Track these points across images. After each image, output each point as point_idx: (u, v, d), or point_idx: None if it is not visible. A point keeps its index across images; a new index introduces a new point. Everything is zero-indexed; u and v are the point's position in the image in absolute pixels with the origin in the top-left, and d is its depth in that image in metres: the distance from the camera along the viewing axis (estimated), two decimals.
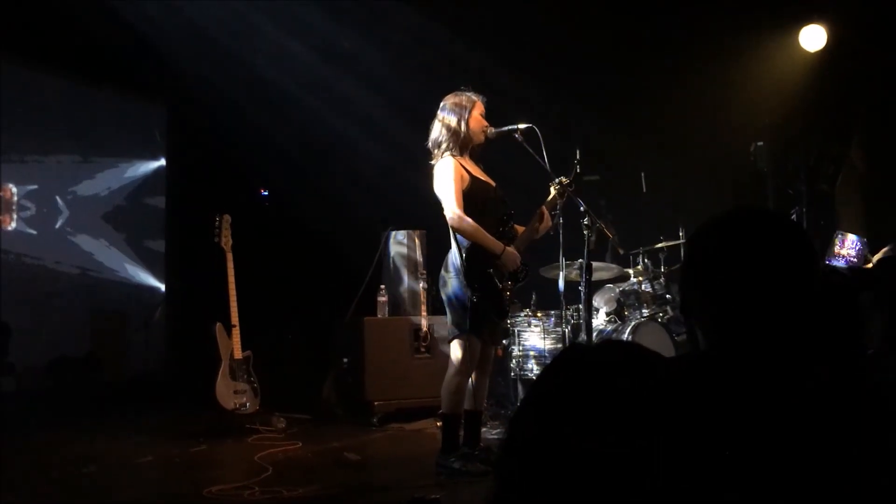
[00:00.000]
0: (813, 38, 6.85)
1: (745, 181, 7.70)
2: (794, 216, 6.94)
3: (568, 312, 5.14)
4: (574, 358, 0.96)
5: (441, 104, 4.41)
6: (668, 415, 0.89)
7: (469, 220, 4.19)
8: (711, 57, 6.86)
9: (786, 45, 7.00)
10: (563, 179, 4.29)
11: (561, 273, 4.62)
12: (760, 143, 7.32)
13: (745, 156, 7.41)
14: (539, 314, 6.11)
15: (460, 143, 4.32)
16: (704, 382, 1.06)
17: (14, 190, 7.16)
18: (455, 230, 4.23)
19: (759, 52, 6.99)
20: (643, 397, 0.89)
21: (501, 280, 4.24)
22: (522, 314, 6.12)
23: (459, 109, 4.34)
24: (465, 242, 4.21)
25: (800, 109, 7.04)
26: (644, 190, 6.75)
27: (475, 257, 4.18)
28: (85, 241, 7.77)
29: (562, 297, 5.00)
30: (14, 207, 7.17)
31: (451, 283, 4.25)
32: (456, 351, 4.24)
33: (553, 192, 4.31)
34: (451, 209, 4.20)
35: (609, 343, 1.01)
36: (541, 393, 0.94)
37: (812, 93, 6.94)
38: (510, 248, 4.25)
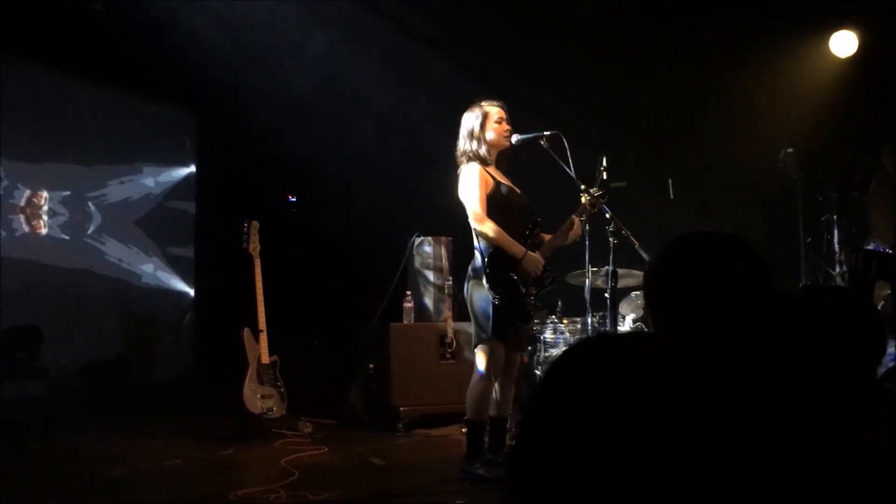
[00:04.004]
0: (844, 43, 6.78)
1: (774, 188, 7.62)
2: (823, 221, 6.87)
3: (594, 319, 5.12)
4: (586, 352, 0.95)
5: (464, 115, 4.43)
6: (686, 411, 0.88)
7: (491, 223, 4.20)
8: (741, 63, 6.81)
9: (816, 51, 6.93)
10: (595, 191, 4.28)
11: (587, 280, 4.62)
12: (790, 150, 7.24)
13: (774, 162, 7.34)
14: (565, 321, 6.09)
15: (484, 151, 4.34)
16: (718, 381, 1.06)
17: (46, 196, 7.27)
18: (477, 233, 4.24)
19: (790, 58, 6.93)
20: (661, 393, 0.88)
21: (525, 284, 4.24)
22: (548, 321, 6.10)
23: (478, 119, 4.36)
24: (487, 247, 4.22)
25: (830, 115, 6.97)
26: (672, 197, 6.71)
27: (497, 261, 4.18)
28: (116, 247, 7.87)
29: (588, 304, 4.99)
30: (46, 213, 7.28)
31: (475, 287, 4.26)
32: (480, 357, 4.24)
33: (584, 201, 4.31)
34: (474, 212, 4.22)
35: (623, 336, 1.00)
36: (553, 389, 0.93)
37: (843, 99, 6.86)
38: (532, 253, 4.25)
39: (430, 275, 6.45)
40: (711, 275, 1.33)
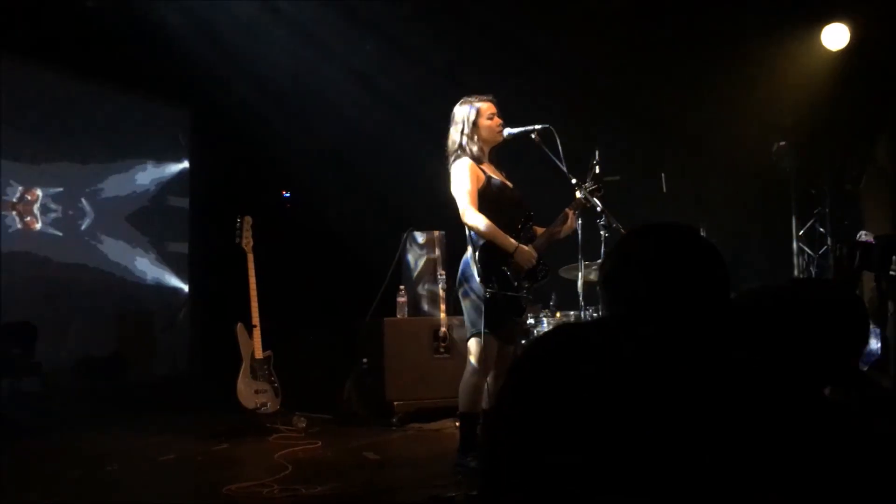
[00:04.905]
0: (835, 36, 6.79)
1: (768, 181, 7.64)
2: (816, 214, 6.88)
3: (587, 313, 5.12)
4: (546, 345, 0.96)
5: (454, 109, 4.43)
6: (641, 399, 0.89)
7: (481, 216, 4.20)
8: (733, 56, 6.81)
9: (808, 44, 6.94)
10: (590, 185, 4.29)
11: (579, 274, 4.62)
12: (783, 143, 7.27)
13: (767, 156, 7.36)
14: (558, 314, 6.10)
15: (476, 147, 4.34)
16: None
17: (39, 193, 7.26)
18: (467, 227, 4.25)
19: (782, 52, 6.94)
20: (611, 381, 0.89)
21: (517, 278, 4.25)
22: (542, 314, 6.12)
23: (470, 115, 4.36)
24: (479, 240, 4.23)
25: (823, 109, 6.98)
26: (664, 190, 6.71)
27: (489, 255, 4.19)
28: (110, 243, 7.86)
29: (580, 298, 5.00)
30: (39, 210, 7.27)
31: (467, 281, 4.26)
32: (473, 350, 4.26)
33: (578, 196, 4.31)
34: (464, 206, 4.22)
35: (582, 325, 1.01)
36: (517, 383, 0.94)
37: (835, 92, 6.87)
38: (524, 247, 4.26)
39: (424, 269, 6.46)
40: (649, 269, 1.34)
